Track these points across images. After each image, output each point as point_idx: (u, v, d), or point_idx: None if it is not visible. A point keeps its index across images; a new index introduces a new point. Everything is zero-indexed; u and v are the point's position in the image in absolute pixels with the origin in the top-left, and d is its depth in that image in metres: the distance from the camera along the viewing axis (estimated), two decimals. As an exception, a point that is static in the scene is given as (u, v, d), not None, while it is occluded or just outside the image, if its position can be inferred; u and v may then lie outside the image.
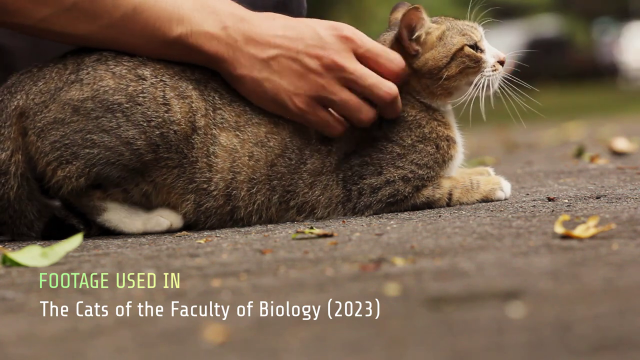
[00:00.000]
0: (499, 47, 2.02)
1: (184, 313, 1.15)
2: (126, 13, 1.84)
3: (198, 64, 1.89)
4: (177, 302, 1.21)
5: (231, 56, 1.86)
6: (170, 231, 1.88)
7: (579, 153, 3.55)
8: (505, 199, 2.00)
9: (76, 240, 1.59)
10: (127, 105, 1.82)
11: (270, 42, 1.87)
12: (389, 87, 1.89)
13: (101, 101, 1.82)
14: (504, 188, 2.00)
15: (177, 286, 1.31)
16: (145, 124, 1.82)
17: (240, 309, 1.15)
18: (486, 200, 1.97)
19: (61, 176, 1.82)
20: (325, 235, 1.68)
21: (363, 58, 1.89)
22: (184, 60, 1.88)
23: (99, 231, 1.89)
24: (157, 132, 1.82)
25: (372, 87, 1.88)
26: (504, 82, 1.97)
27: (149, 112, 1.82)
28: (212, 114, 1.86)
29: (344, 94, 1.88)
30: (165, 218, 1.87)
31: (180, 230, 1.88)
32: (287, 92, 1.86)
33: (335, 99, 1.88)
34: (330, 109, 1.89)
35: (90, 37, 1.86)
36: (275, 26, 1.88)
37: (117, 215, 1.88)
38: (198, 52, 1.86)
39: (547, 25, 25.13)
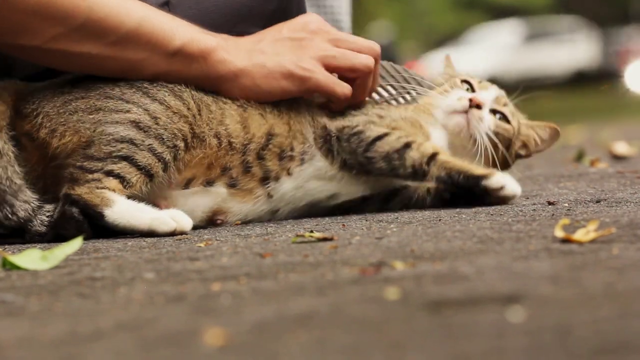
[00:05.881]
0: None
1: (183, 317, 1.15)
2: (131, 29, 1.89)
3: (199, 83, 1.94)
4: (177, 305, 1.21)
5: (229, 55, 1.94)
6: (171, 234, 1.87)
7: (579, 157, 3.56)
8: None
9: (76, 243, 1.59)
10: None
11: (257, 37, 1.99)
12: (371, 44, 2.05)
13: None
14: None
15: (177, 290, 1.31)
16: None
17: (240, 312, 1.15)
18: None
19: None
20: (325, 239, 1.68)
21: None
22: (184, 77, 1.93)
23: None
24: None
25: (358, 45, 2.02)
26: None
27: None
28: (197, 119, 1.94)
29: (339, 49, 2.00)
30: (173, 220, 1.86)
31: (181, 233, 1.87)
32: (289, 61, 1.96)
33: (335, 54, 1.99)
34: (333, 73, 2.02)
35: (93, 55, 1.90)
36: (258, 33, 2.02)
37: (125, 206, 1.85)
38: (199, 59, 1.92)
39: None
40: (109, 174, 1.86)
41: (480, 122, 2.06)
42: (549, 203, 2.00)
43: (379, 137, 2.01)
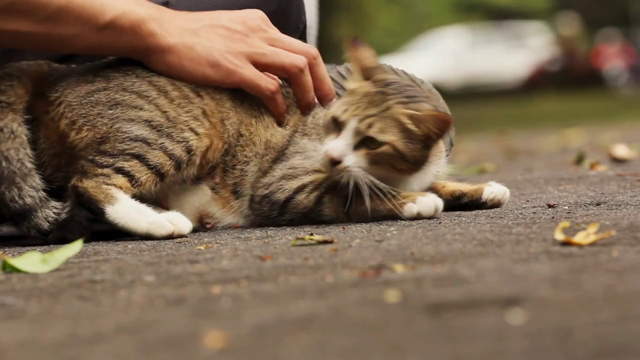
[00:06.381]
0: None
1: (183, 319, 1.15)
2: (60, 5, 1.90)
3: (127, 54, 1.95)
4: (177, 308, 1.21)
5: (160, 29, 1.94)
6: (169, 237, 1.87)
7: (579, 160, 3.56)
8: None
9: (76, 246, 1.59)
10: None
11: (195, 17, 1.99)
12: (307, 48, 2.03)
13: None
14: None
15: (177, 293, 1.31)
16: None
17: (241, 315, 1.15)
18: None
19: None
20: (325, 242, 1.68)
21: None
22: (113, 49, 1.95)
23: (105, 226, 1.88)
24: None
25: (293, 47, 2.00)
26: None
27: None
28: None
29: (272, 47, 1.99)
30: (171, 223, 1.86)
31: (179, 236, 1.87)
32: (219, 51, 1.96)
33: (266, 51, 1.98)
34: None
35: (23, 32, 1.90)
36: (197, 12, 2.01)
37: (127, 206, 1.85)
38: (129, 32, 1.92)
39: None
40: (119, 171, 1.87)
41: (344, 172, 1.86)
42: (549, 206, 2.01)
43: (289, 199, 1.93)
